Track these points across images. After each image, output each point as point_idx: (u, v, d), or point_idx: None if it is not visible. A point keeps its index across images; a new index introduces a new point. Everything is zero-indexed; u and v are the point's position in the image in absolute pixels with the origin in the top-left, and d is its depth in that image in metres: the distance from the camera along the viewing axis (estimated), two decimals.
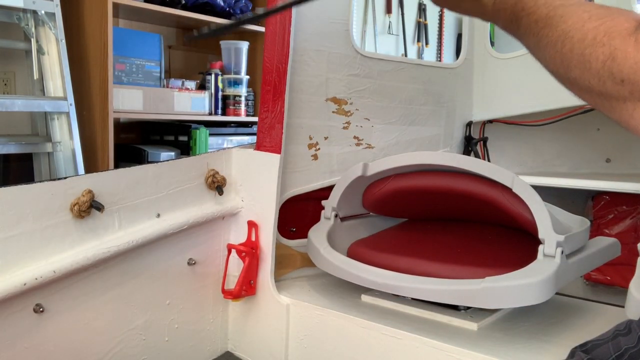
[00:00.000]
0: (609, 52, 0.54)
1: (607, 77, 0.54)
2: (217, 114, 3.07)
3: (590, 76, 0.56)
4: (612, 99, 0.55)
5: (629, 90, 0.53)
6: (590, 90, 0.57)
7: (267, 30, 1.25)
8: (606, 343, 0.74)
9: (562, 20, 0.60)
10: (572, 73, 0.58)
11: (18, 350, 0.97)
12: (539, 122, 1.81)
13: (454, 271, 1.12)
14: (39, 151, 2.27)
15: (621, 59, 0.52)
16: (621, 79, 0.53)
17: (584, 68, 0.56)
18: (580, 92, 0.59)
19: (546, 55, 0.61)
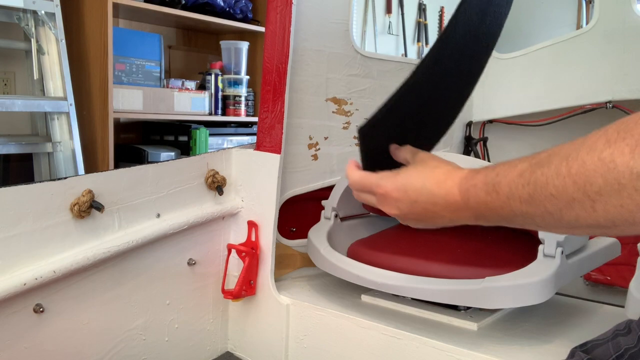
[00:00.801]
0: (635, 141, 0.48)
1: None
2: (217, 114, 3.07)
3: (618, 176, 0.49)
4: None
5: None
6: (622, 196, 0.49)
7: (267, 30, 1.25)
8: (606, 343, 0.73)
9: (551, 154, 0.55)
10: (593, 187, 0.50)
11: (18, 350, 0.97)
12: (539, 122, 1.82)
13: (454, 271, 1.12)
14: (39, 151, 2.27)
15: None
16: None
17: (607, 171, 0.50)
18: (610, 209, 0.50)
19: (551, 190, 0.54)
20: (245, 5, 3.14)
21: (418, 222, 0.75)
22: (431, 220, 0.73)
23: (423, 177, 0.72)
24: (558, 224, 0.56)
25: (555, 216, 0.55)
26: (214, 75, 3.05)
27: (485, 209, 0.64)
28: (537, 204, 0.56)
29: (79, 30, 2.52)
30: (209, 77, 3.05)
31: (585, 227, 0.54)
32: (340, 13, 1.41)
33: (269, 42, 1.24)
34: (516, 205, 0.59)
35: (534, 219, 0.58)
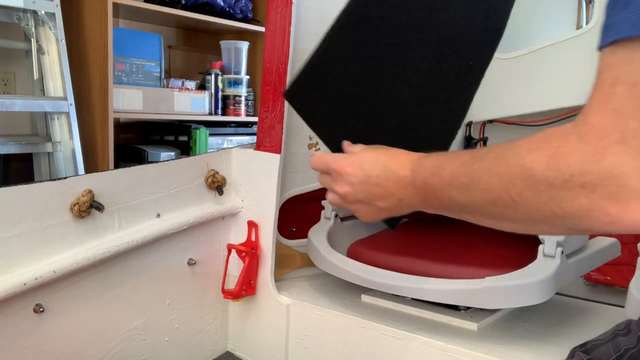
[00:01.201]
0: (551, 152, 0.52)
1: (555, 177, 0.51)
2: (217, 114, 3.07)
3: (536, 182, 0.53)
4: (563, 202, 0.51)
5: (579, 183, 0.50)
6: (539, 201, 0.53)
7: (267, 30, 1.25)
8: (606, 343, 0.74)
9: (488, 151, 0.59)
10: (515, 189, 0.55)
11: (18, 350, 0.97)
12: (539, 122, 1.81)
13: (454, 271, 1.12)
14: (39, 151, 2.27)
15: (566, 154, 0.50)
16: (570, 173, 0.50)
17: (527, 177, 0.54)
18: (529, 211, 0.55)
19: (482, 185, 0.58)
20: (245, 5, 3.14)
21: (367, 203, 0.75)
22: (381, 199, 0.73)
23: (378, 153, 0.75)
24: (487, 216, 0.61)
25: (485, 209, 0.60)
26: (214, 75, 3.05)
27: (429, 190, 0.67)
28: (470, 196, 0.60)
29: (79, 30, 2.52)
30: (209, 77, 3.06)
31: (511, 222, 0.59)
32: None
33: (269, 42, 1.24)
34: (454, 193, 0.63)
35: (467, 209, 0.63)
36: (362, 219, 0.79)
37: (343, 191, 0.77)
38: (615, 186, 0.48)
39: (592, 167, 0.49)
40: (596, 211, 0.50)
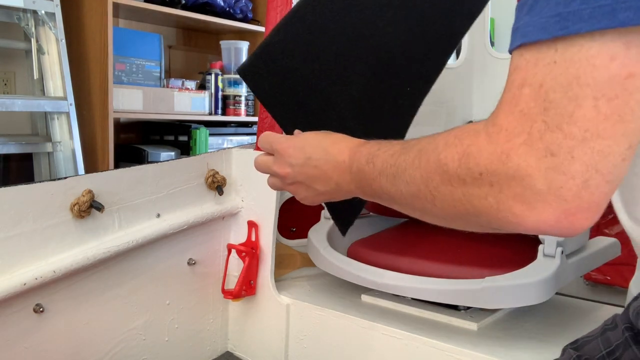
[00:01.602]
0: (462, 150, 0.52)
1: (466, 175, 0.52)
2: (217, 114, 3.07)
3: (450, 178, 0.53)
4: (474, 199, 0.52)
5: (488, 182, 0.50)
6: (454, 198, 0.54)
7: (267, 30, 1.25)
8: (595, 339, 0.73)
9: (416, 143, 0.60)
10: (433, 183, 0.55)
11: (18, 350, 0.97)
12: None
13: (454, 271, 1.12)
14: (39, 151, 2.27)
15: (476, 153, 0.51)
16: (479, 172, 0.50)
17: (442, 172, 0.54)
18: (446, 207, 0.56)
19: (407, 177, 0.59)
20: (245, 5, 3.14)
21: (306, 185, 0.76)
22: (319, 182, 0.74)
23: (321, 137, 0.76)
24: (412, 209, 0.62)
25: (409, 202, 0.61)
26: (214, 75, 3.05)
27: (363, 178, 0.67)
28: (397, 187, 0.61)
29: (79, 30, 2.52)
30: (209, 77, 3.05)
31: (432, 216, 0.60)
32: None
33: None
34: (384, 182, 0.63)
35: (395, 199, 0.63)
36: (302, 201, 0.79)
37: (283, 172, 0.77)
38: (521, 187, 0.48)
39: (499, 168, 0.49)
40: (503, 211, 0.50)
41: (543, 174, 0.48)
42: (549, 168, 0.47)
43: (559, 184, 0.48)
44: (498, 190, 0.50)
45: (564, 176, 0.47)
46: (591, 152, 0.47)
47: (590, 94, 0.46)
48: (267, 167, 0.81)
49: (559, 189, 0.48)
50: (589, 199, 0.48)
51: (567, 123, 0.47)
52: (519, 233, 0.51)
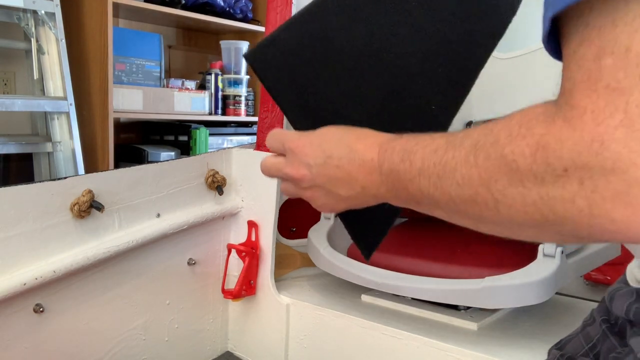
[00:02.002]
0: (535, 141, 0.42)
1: (545, 172, 0.41)
2: (217, 114, 3.07)
3: (521, 178, 0.42)
4: (556, 203, 0.41)
5: (577, 179, 0.39)
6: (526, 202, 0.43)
7: (267, 31, 1.25)
8: (577, 336, 0.73)
9: (465, 136, 0.48)
10: (497, 185, 0.44)
11: (18, 350, 0.97)
12: None
13: (454, 271, 1.12)
14: (39, 151, 2.27)
15: (555, 143, 0.40)
16: (563, 167, 0.40)
17: (510, 170, 0.43)
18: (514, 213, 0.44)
19: (458, 178, 0.47)
20: (245, 5, 3.14)
21: (326, 189, 0.63)
22: (342, 186, 0.61)
23: (342, 132, 0.63)
24: (464, 216, 0.50)
25: (461, 207, 0.49)
26: (214, 75, 3.05)
27: (396, 179, 0.55)
28: (443, 189, 0.50)
29: (79, 30, 2.52)
30: (209, 77, 3.05)
31: (492, 224, 0.48)
32: None
33: None
34: (425, 183, 0.52)
35: (440, 204, 0.51)
36: (320, 209, 0.67)
37: (299, 174, 0.65)
38: (623, 183, 0.37)
39: (591, 160, 0.38)
40: (599, 217, 0.39)
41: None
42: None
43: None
44: (591, 189, 0.39)
45: None
46: None
47: None
48: (277, 169, 0.69)
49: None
50: None
51: None
52: None
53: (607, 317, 0.68)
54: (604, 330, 0.67)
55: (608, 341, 0.66)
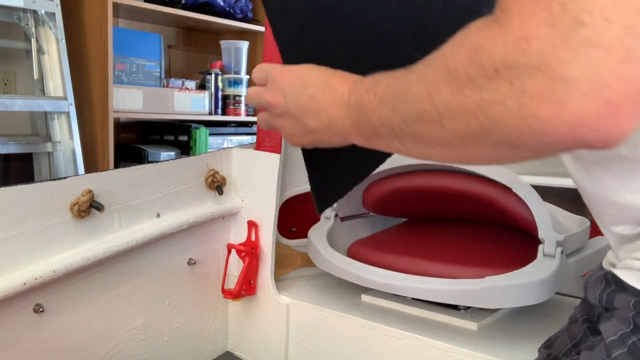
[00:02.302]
0: (472, 46, 0.43)
1: (479, 75, 0.42)
2: (217, 114, 3.07)
3: (460, 85, 0.43)
4: (489, 108, 0.42)
5: (507, 79, 0.40)
6: (465, 111, 0.44)
7: (267, 30, 1.25)
8: (562, 334, 0.74)
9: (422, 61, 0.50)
10: (440, 97, 0.45)
11: (18, 350, 0.97)
12: None
13: (454, 271, 1.12)
14: (39, 151, 2.27)
15: (487, 45, 0.41)
16: (494, 68, 0.41)
17: (451, 79, 0.44)
18: (456, 126, 0.45)
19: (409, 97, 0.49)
20: (245, 5, 3.14)
21: (297, 118, 0.66)
22: (311, 116, 0.64)
23: (323, 69, 0.66)
24: (415, 139, 0.51)
25: (412, 129, 0.50)
26: (214, 74, 3.05)
27: (360, 110, 0.57)
28: (397, 111, 0.51)
29: (79, 30, 2.52)
30: (209, 76, 3.05)
31: (440, 146, 0.49)
32: None
33: (269, 42, 1.24)
34: (384, 110, 0.53)
35: (396, 130, 0.52)
36: (288, 139, 0.71)
37: (274, 100, 0.68)
38: (548, 78, 0.38)
39: (518, 58, 0.39)
40: (527, 117, 0.40)
41: (575, 53, 0.38)
42: (580, 43, 0.37)
43: (596, 62, 0.37)
44: (520, 89, 0.40)
45: (601, 49, 0.37)
46: (630, 11, 0.37)
47: None
48: (258, 96, 0.71)
49: (597, 68, 0.37)
50: (635, 79, 0.38)
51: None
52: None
53: (588, 316, 0.68)
54: (585, 329, 0.68)
55: (588, 340, 0.67)
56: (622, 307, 0.58)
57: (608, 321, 0.59)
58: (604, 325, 0.60)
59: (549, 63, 0.38)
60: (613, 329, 0.58)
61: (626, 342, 0.56)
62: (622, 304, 0.58)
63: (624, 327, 0.57)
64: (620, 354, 0.56)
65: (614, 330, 0.58)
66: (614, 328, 0.58)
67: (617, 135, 0.39)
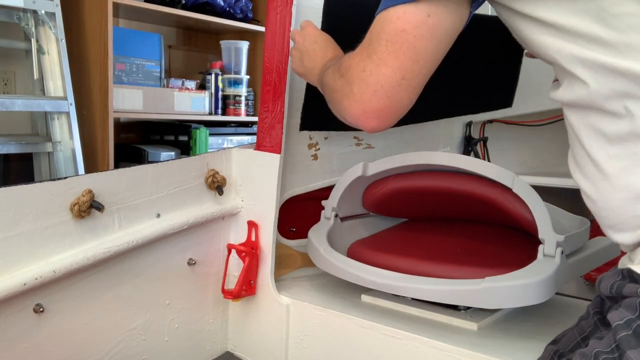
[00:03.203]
0: (344, 59, 0.88)
1: (340, 74, 0.87)
2: (217, 114, 3.07)
3: (337, 75, 0.88)
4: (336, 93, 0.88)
5: (343, 80, 0.86)
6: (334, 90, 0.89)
7: (267, 30, 1.25)
8: (571, 330, 0.78)
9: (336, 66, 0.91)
10: (335, 83, 0.89)
11: (18, 350, 0.97)
12: (539, 122, 1.81)
13: (454, 271, 1.12)
14: (39, 151, 2.27)
15: (345, 62, 0.87)
16: (341, 73, 0.87)
17: (337, 72, 0.89)
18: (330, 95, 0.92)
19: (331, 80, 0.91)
20: (245, 5, 3.14)
21: (303, 54, 1.08)
22: (309, 58, 1.06)
23: (329, 39, 1.08)
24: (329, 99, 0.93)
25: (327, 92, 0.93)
26: (214, 75, 3.05)
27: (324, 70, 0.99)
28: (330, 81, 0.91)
29: (79, 30, 2.52)
30: (209, 76, 3.06)
31: (331, 103, 0.92)
32: None
33: (269, 42, 1.24)
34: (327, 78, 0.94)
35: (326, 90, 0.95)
36: (292, 64, 1.12)
37: (298, 39, 1.10)
38: (348, 89, 0.82)
39: (344, 72, 0.85)
40: (342, 101, 0.85)
41: (357, 83, 0.79)
42: (360, 79, 0.78)
43: (362, 90, 0.78)
44: (343, 87, 0.83)
45: (365, 85, 0.77)
46: (379, 74, 0.76)
47: (384, 37, 0.75)
48: (293, 34, 1.13)
49: (362, 93, 0.78)
50: (376, 104, 0.77)
51: (373, 53, 0.76)
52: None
53: (599, 309, 0.72)
54: (596, 321, 0.71)
55: (599, 331, 0.68)
56: (630, 295, 0.64)
57: (616, 310, 0.65)
58: (611, 314, 0.65)
59: (350, 82, 0.81)
60: (619, 316, 0.64)
61: (631, 325, 0.62)
62: (630, 292, 0.64)
63: (631, 314, 0.63)
64: (625, 335, 0.62)
65: (620, 316, 0.64)
66: (620, 315, 0.64)
67: (368, 127, 0.81)
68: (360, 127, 0.82)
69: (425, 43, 0.73)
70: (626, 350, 0.61)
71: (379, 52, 0.75)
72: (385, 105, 0.76)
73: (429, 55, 0.74)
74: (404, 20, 0.72)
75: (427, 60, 0.75)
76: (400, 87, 0.75)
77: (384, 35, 0.74)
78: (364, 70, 0.77)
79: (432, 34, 0.73)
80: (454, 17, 0.74)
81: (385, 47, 0.74)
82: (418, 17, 0.72)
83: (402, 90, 0.75)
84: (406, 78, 0.75)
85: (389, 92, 0.75)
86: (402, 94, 0.75)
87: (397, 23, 0.73)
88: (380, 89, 0.75)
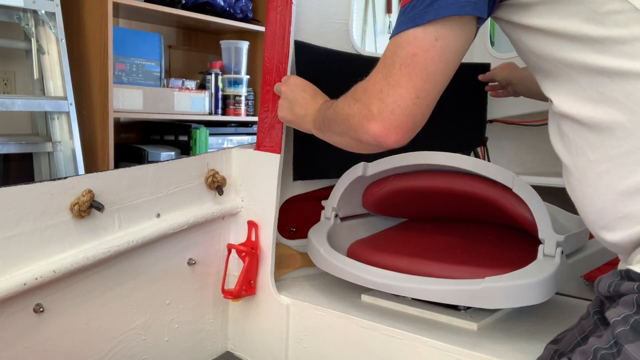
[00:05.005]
0: (358, 86, 0.95)
1: (353, 99, 0.93)
2: (217, 114, 3.07)
3: (351, 102, 0.94)
4: (351, 118, 0.92)
5: (359, 105, 0.91)
6: (348, 114, 0.94)
7: (267, 30, 1.25)
8: (572, 330, 0.80)
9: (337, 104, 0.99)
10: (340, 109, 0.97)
11: (18, 350, 0.98)
12: (539, 122, 1.81)
13: (454, 271, 1.12)
14: (39, 151, 2.27)
15: (360, 88, 0.92)
16: (356, 99, 0.93)
17: (348, 101, 0.95)
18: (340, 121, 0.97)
19: (332, 114, 1.00)
20: (245, 5, 3.14)
21: (290, 102, 1.15)
22: (299, 107, 1.13)
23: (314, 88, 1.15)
24: (329, 131, 1.03)
25: (328, 126, 1.03)
26: (214, 74, 3.05)
27: (318, 115, 1.08)
28: (326, 117, 1.03)
29: (79, 30, 2.52)
30: (209, 76, 3.06)
31: (332, 134, 1.02)
32: (340, 13, 1.41)
33: (269, 42, 1.24)
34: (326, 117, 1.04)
35: (326, 126, 1.04)
36: (279, 111, 1.19)
37: (285, 90, 1.16)
38: (367, 110, 0.87)
39: (360, 96, 0.90)
40: (359, 125, 0.89)
41: (376, 103, 0.85)
42: (378, 99, 0.84)
43: (381, 110, 0.84)
44: (366, 111, 0.87)
45: (384, 105, 0.84)
46: (396, 94, 0.83)
47: (398, 61, 0.82)
48: (278, 86, 1.19)
49: (381, 112, 0.84)
50: (395, 121, 0.83)
51: (389, 76, 0.83)
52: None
53: (599, 309, 0.74)
54: (596, 321, 0.73)
55: (599, 330, 0.70)
56: (627, 292, 0.67)
57: (614, 308, 0.68)
58: (609, 312, 0.68)
59: (368, 103, 0.87)
60: (617, 313, 0.66)
61: (629, 320, 0.64)
62: (628, 290, 0.67)
63: (628, 310, 0.65)
64: (622, 330, 0.64)
65: (618, 313, 0.66)
66: (618, 312, 0.66)
67: (389, 143, 0.87)
68: (380, 144, 0.87)
69: (435, 64, 0.80)
70: (624, 345, 0.63)
71: (394, 75, 0.82)
72: (403, 122, 0.83)
73: (439, 75, 0.81)
74: (415, 45, 0.79)
75: (438, 79, 0.81)
76: (415, 105, 0.82)
77: (397, 59, 0.81)
78: (381, 92, 0.83)
79: (442, 56, 0.80)
80: (462, 38, 0.81)
81: (399, 70, 0.81)
82: (427, 42, 0.79)
83: (416, 107, 0.82)
84: (420, 97, 0.82)
85: (405, 110, 0.82)
86: (417, 110, 0.83)
87: (408, 48, 0.80)
88: (397, 108, 0.82)
